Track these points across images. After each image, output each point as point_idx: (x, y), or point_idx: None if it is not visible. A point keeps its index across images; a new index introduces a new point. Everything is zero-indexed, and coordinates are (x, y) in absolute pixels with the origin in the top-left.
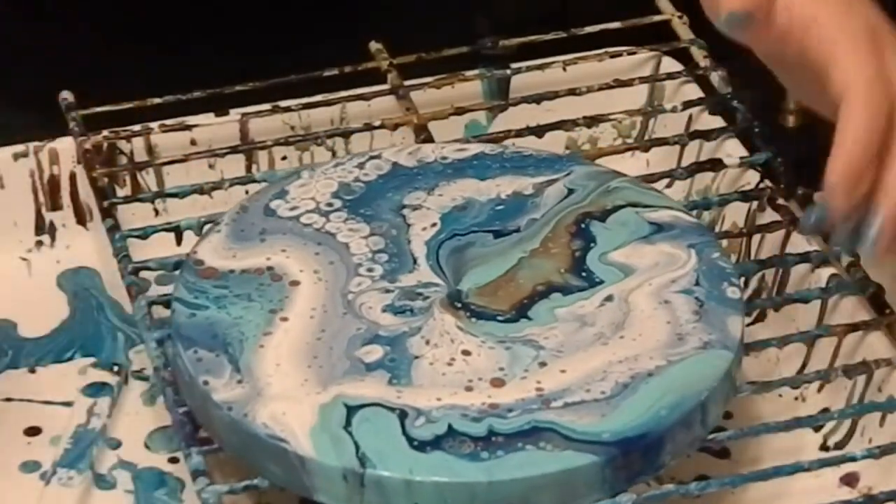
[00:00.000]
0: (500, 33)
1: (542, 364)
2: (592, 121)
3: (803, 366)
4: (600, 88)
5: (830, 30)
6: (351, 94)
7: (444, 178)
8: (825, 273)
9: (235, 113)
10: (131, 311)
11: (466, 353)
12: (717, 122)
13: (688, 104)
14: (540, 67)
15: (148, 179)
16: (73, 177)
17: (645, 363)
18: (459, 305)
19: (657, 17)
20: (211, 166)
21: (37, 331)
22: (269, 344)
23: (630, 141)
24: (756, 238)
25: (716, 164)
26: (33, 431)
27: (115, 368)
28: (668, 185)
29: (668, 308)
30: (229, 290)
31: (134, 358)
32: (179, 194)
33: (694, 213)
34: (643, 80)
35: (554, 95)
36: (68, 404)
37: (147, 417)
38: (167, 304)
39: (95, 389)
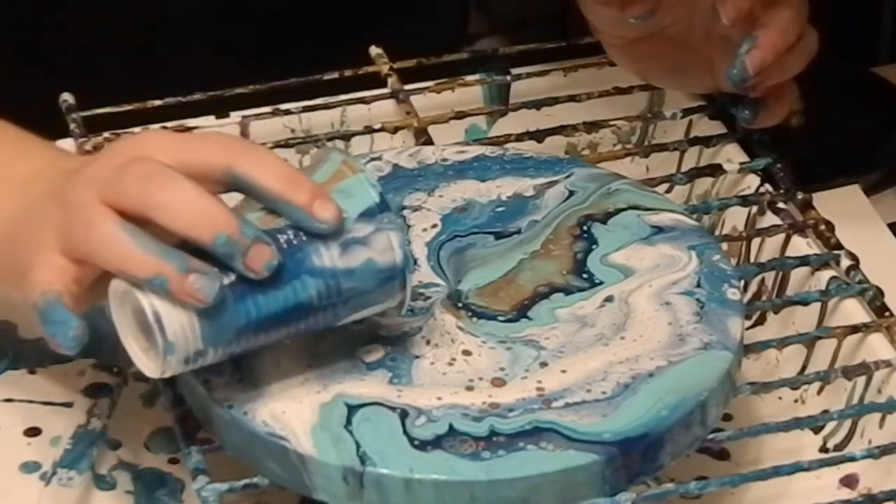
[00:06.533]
0: (500, 35)
1: (543, 364)
2: (592, 126)
3: (803, 368)
4: (600, 95)
5: None
6: (351, 98)
7: (444, 180)
8: (825, 276)
9: (236, 115)
10: None
11: (467, 353)
12: (717, 127)
13: (688, 111)
14: (540, 74)
15: None
16: None
17: (645, 364)
18: (460, 305)
19: None
20: None
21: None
22: None
23: (630, 147)
24: (756, 241)
25: (715, 170)
26: (33, 432)
27: (115, 369)
28: (668, 190)
29: (669, 309)
30: None
31: None
32: None
33: (694, 216)
34: (642, 87)
35: (554, 101)
36: (68, 405)
37: (147, 418)
38: None
39: (95, 390)
